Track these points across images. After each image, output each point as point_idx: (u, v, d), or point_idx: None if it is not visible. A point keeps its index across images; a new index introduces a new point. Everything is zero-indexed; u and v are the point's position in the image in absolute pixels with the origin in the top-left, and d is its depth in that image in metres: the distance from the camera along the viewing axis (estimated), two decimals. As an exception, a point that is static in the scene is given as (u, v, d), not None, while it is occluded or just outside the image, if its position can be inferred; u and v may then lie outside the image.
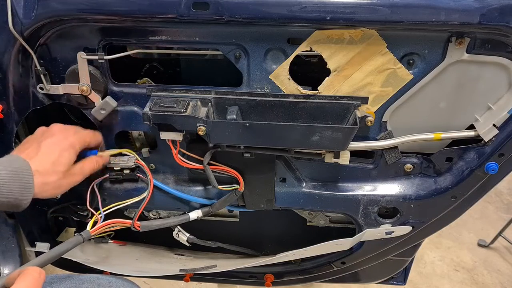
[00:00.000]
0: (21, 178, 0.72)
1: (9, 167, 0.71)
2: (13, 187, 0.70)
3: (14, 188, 0.70)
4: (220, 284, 1.84)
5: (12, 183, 0.70)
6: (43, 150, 0.78)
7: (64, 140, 0.80)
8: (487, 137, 0.82)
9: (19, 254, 1.11)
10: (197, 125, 0.77)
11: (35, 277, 0.62)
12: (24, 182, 0.72)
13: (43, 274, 0.64)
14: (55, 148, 0.79)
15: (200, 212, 0.94)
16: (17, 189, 0.71)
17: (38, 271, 0.63)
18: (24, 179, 0.72)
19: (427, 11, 0.70)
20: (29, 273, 0.62)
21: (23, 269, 0.64)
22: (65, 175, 0.79)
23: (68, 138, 0.81)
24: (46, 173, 0.76)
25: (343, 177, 0.92)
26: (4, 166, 0.71)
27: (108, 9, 0.74)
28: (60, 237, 1.08)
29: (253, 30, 0.78)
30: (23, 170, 0.73)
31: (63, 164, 0.78)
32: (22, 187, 0.72)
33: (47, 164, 0.77)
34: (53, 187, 0.78)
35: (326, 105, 0.80)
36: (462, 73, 0.79)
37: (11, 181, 0.70)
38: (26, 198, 0.73)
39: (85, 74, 0.82)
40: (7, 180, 0.70)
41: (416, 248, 1.06)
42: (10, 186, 0.70)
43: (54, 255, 0.79)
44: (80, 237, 0.82)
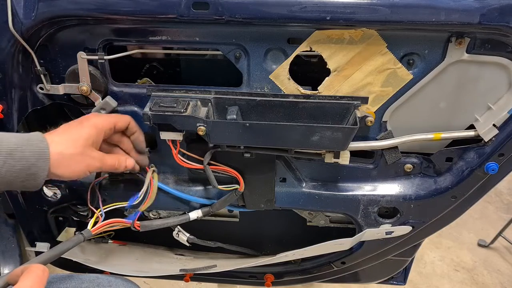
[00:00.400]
0: (34, 144, 0.69)
1: (21, 136, 0.69)
2: (27, 152, 0.68)
3: (28, 153, 0.68)
4: (220, 284, 1.84)
5: (26, 148, 0.68)
6: (62, 127, 0.76)
7: (85, 120, 0.78)
8: (487, 137, 0.82)
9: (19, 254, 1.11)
10: (197, 125, 0.77)
11: (39, 274, 0.61)
12: (38, 148, 0.69)
13: (46, 272, 0.63)
14: (75, 126, 0.76)
15: (200, 212, 0.94)
16: (31, 154, 0.68)
17: (41, 269, 0.62)
18: (38, 144, 0.70)
19: (427, 11, 0.70)
20: (33, 271, 0.62)
21: (27, 266, 0.63)
22: (84, 151, 0.74)
23: (90, 119, 0.78)
24: (62, 144, 0.72)
25: (343, 177, 0.93)
26: (15, 135, 0.69)
27: (108, 9, 0.75)
28: (60, 237, 1.08)
29: (253, 30, 0.78)
30: (36, 137, 0.71)
31: (81, 138, 0.75)
32: (37, 153, 0.69)
33: (65, 136, 0.74)
34: (70, 161, 0.73)
35: (326, 105, 0.80)
36: (462, 73, 0.79)
37: (24, 145, 0.68)
38: (43, 167, 0.70)
39: (85, 74, 0.82)
40: (20, 144, 0.68)
41: (416, 248, 1.06)
42: (24, 150, 0.68)
43: (55, 253, 0.79)
44: (81, 236, 0.82)
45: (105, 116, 0.81)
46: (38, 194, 0.98)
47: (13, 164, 0.67)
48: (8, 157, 0.66)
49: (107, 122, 0.79)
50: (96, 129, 0.77)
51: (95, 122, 0.77)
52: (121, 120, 0.82)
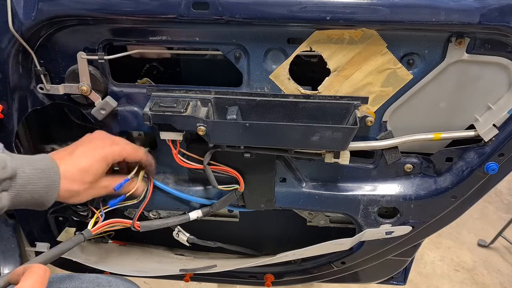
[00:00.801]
0: (48, 177, 0.72)
1: (34, 165, 0.71)
2: (39, 185, 0.70)
3: (40, 187, 0.70)
4: (220, 284, 1.84)
5: (38, 181, 0.70)
6: (76, 155, 0.78)
7: (98, 150, 0.79)
8: (487, 137, 0.82)
9: (19, 254, 1.11)
10: (197, 125, 0.77)
11: (41, 275, 0.62)
12: (50, 182, 0.72)
13: (48, 272, 0.63)
14: (87, 157, 0.78)
15: (200, 212, 0.94)
16: (43, 188, 0.71)
17: (43, 269, 0.63)
18: (50, 178, 0.72)
19: (427, 11, 0.70)
20: (35, 271, 0.62)
21: (28, 266, 0.63)
22: (90, 186, 0.78)
23: (104, 148, 0.80)
24: (72, 180, 0.75)
25: (343, 177, 0.92)
26: (31, 164, 0.71)
27: (108, 9, 0.75)
28: (60, 237, 1.08)
29: (253, 30, 0.78)
30: (50, 169, 0.72)
31: (91, 174, 0.77)
32: (48, 187, 0.72)
33: (75, 170, 0.76)
34: (76, 195, 0.77)
35: (326, 105, 0.80)
36: (462, 73, 0.79)
37: (37, 178, 0.70)
38: (51, 197, 0.73)
39: (85, 74, 0.82)
40: (33, 177, 0.70)
41: (416, 248, 1.06)
42: (36, 184, 0.70)
43: (56, 253, 0.79)
44: (82, 236, 0.82)
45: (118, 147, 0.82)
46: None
47: (24, 195, 0.70)
48: (21, 189, 0.69)
49: (117, 155, 0.81)
50: (107, 162, 0.80)
51: (106, 154, 0.79)
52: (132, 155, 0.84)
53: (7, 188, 0.67)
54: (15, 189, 0.68)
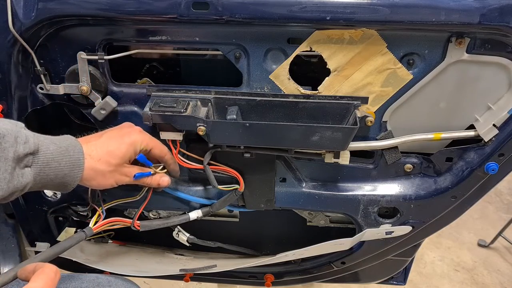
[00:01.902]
0: (71, 155, 0.71)
1: (58, 143, 0.70)
2: (62, 163, 0.69)
3: (64, 164, 0.69)
4: (220, 284, 1.84)
5: (62, 159, 0.69)
6: (102, 138, 0.77)
7: (126, 135, 0.78)
8: (487, 137, 0.82)
9: (19, 254, 1.11)
10: (197, 125, 0.77)
11: (51, 276, 0.61)
12: (74, 159, 0.71)
13: (58, 274, 0.62)
14: (115, 140, 0.77)
15: (200, 212, 0.94)
16: (66, 165, 0.70)
17: (54, 271, 0.62)
18: (74, 156, 0.71)
19: (427, 11, 0.70)
20: (46, 272, 0.61)
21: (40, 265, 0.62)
22: (116, 169, 0.76)
23: (131, 134, 0.79)
24: (97, 159, 0.74)
25: (343, 177, 0.93)
26: (54, 142, 0.70)
27: (108, 9, 0.75)
28: (60, 237, 1.08)
29: (253, 30, 0.78)
30: (73, 147, 0.72)
31: (117, 156, 0.76)
32: (72, 164, 0.70)
33: (101, 151, 0.75)
34: (101, 176, 0.75)
35: (326, 105, 0.80)
36: (462, 73, 0.79)
37: (61, 156, 0.69)
38: (75, 176, 0.71)
39: (85, 74, 0.82)
40: (57, 154, 0.69)
41: (416, 248, 1.06)
42: (60, 161, 0.69)
43: (58, 250, 0.79)
44: (83, 234, 0.82)
45: (147, 137, 0.81)
46: (38, 194, 0.98)
47: (48, 173, 0.68)
48: (45, 166, 0.68)
49: (145, 144, 0.80)
50: (134, 148, 0.78)
51: (135, 140, 0.78)
52: (158, 148, 0.83)
53: (30, 164, 0.66)
54: (38, 166, 0.67)
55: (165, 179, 0.86)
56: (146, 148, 0.81)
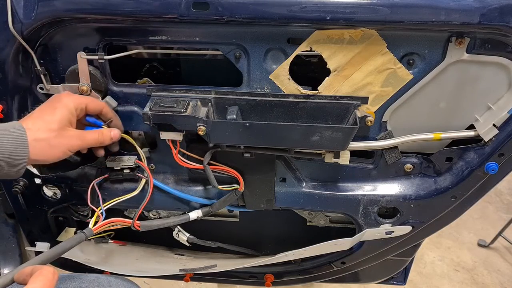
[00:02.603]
0: (12, 132, 0.70)
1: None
2: (4, 140, 0.69)
3: (6, 142, 0.69)
4: (220, 284, 1.84)
5: (3, 137, 0.69)
6: (35, 112, 0.77)
7: (56, 101, 0.78)
8: (487, 137, 0.82)
9: (19, 254, 1.11)
10: (197, 125, 0.77)
11: (49, 278, 0.60)
12: (15, 136, 0.70)
13: (56, 275, 0.62)
14: (47, 109, 0.77)
15: (200, 212, 0.94)
16: (9, 143, 0.69)
17: (52, 272, 0.61)
18: (15, 132, 0.70)
19: (427, 11, 0.70)
20: (44, 274, 0.61)
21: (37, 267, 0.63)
22: (60, 133, 0.75)
23: (61, 99, 0.78)
24: (37, 130, 0.73)
25: (343, 177, 0.93)
26: None
27: (108, 9, 0.75)
28: (60, 237, 1.08)
29: (253, 30, 0.78)
30: (12, 125, 0.71)
31: (55, 121, 0.75)
32: (15, 140, 0.70)
33: (39, 122, 0.74)
34: (47, 146, 0.74)
35: (326, 105, 0.80)
36: (462, 73, 0.79)
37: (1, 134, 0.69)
38: (22, 153, 0.71)
39: (85, 74, 0.82)
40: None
41: (416, 248, 1.06)
42: (1, 139, 0.68)
43: (58, 251, 0.79)
44: (83, 235, 0.82)
45: (76, 96, 0.81)
46: (38, 194, 0.98)
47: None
48: None
49: (77, 102, 0.79)
50: (68, 109, 0.77)
51: (66, 103, 0.77)
52: (93, 103, 0.82)
53: None
54: None
55: (115, 132, 0.84)
56: (80, 107, 0.80)
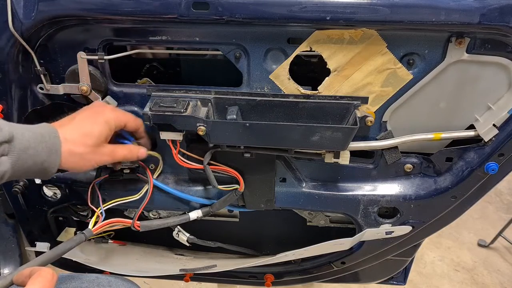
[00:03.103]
0: (47, 141, 0.70)
1: (34, 130, 0.70)
2: (39, 149, 0.69)
3: (40, 150, 0.69)
4: (220, 284, 1.84)
5: (38, 145, 0.69)
6: (76, 121, 0.76)
7: (99, 115, 0.78)
8: (487, 137, 0.82)
9: (19, 254, 1.11)
10: (197, 125, 0.77)
11: (48, 279, 0.60)
12: (50, 145, 0.71)
13: (55, 277, 0.62)
14: (88, 121, 0.77)
15: (200, 212, 0.94)
16: (44, 151, 0.69)
17: (51, 273, 0.61)
18: (50, 141, 0.71)
19: (427, 11, 0.70)
20: (42, 275, 0.61)
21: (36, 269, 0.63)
22: (94, 150, 0.76)
23: (104, 113, 0.78)
24: (74, 142, 0.74)
25: (343, 177, 0.92)
26: (29, 129, 0.70)
27: (108, 9, 0.75)
28: (60, 237, 1.08)
29: (253, 30, 0.78)
30: (49, 133, 0.71)
31: (93, 137, 0.75)
32: (49, 149, 0.70)
33: (77, 134, 0.74)
34: (79, 159, 0.75)
35: (326, 105, 0.80)
36: (462, 73, 0.79)
37: (37, 142, 0.69)
38: (54, 162, 0.71)
39: (85, 74, 0.82)
40: (33, 141, 0.68)
41: (416, 248, 1.06)
42: (36, 147, 0.69)
43: (57, 253, 0.79)
44: (83, 236, 0.82)
45: (119, 113, 0.81)
46: (38, 194, 0.98)
47: (26, 160, 0.68)
48: (22, 153, 0.67)
49: (118, 120, 0.80)
50: (109, 126, 0.78)
51: (108, 118, 0.78)
52: (132, 122, 0.83)
53: (6, 152, 0.65)
54: (15, 153, 0.66)
55: (142, 151, 0.85)
56: (120, 125, 0.80)
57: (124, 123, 0.81)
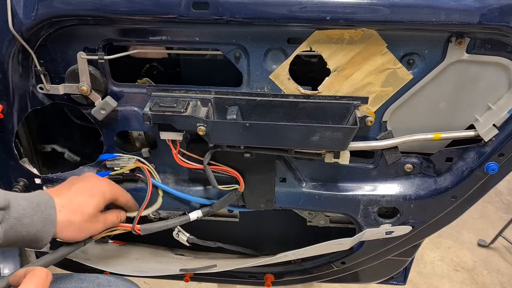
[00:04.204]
0: (43, 211, 0.70)
1: (30, 199, 0.70)
2: (35, 218, 0.68)
3: (36, 220, 0.68)
4: (220, 284, 1.84)
5: (34, 214, 0.68)
6: (74, 190, 0.77)
7: (96, 187, 0.80)
8: (487, 137, 0.82)
9: (19, 254, 1.11)
10: (197, 125, 0.77)
11: (42, 278, 0.61)
12: (46, 215, 0.70)
13: (50, 276, 0.63)
14: (86, 192, 0.78)
15: (200, 212, 0.94)
16: (39, 221, 0.69)
17: (45, 273, 0.62)
18: (46, 211, 0.70)
19: (427, 11, 0.70)
20: (37, 274, 0.61)
21: (30, 268, 0.63)
22: (90, 219, 0.78)
23: (100, 186, 0.81)
24: (72, 211, 0.74)
25: (343, 177, 0.92)
26: (25, 198, 0.69)
27: (108, 9, 0.75)
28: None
29: (253, 30, 0.78)
30: (45, 202, 0.71)
31: (91, 207, 0.77)
32: (44, 220, 0.70)
33: (75, 203, 0.75)
34: (75, 229, 0.76)
35: (326, 105, 0.80)
36: (462, 73, 0.79)
37: (33, 212, 0.68)
38: (48, 232, 0.71)
39: (85, 74, 0.82)
40: (28, 210, 0.68)
41: (416, 248, 1.06)
42: (32, 217, 0.68)
43: (55, 257, 0.79)
44: (81, 241, 0.82)
45: (113, 187, 0.85)
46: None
47: (19, 230, 0.67)
48: (16, 222, 0.67)
49: (112, 193, 0.83)
50: (104, 198, 0.81)
51: (104, 191, 0.81)
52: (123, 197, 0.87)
53: (0, 219, 0.64)
54: (10, 222, 0.65)
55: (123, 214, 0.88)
56: (113, 198, 0.83)
57: (116, 197, 0.84)
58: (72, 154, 1.09)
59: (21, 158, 0.93)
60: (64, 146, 1.08)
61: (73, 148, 1.09)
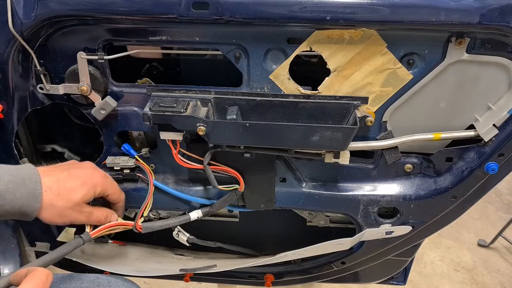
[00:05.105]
0: (28, 185, 0.69)
1: (16, 174, 0.69)
2: (17, 194, 0.67)
3: (19, 195, 0.68)
4: (220, 284, 1.84)
5: (17, 190, 0.67)
6: (66, 174, 0.76)
7: (90, 177, 0.79)
8: (487, 137, 0.82)
9: (19, 254, 1.11)
10: (197, 125, 0.77)
11: (42, 279, 0.61)
12: (30, 189, 0.69)
13: (50, 277, 0.62)
14: (79, 179, 0.77)
15: (200, 212, 0.94)
16: (22, 196, 0.68)
17: (46, 273, 0.62)
18: (30, 185, 0.69)
19: (427, 11, 0.70)
20: (37, 275, 0.61)
21: (31, 269, 0.63)
22: (74, 208, 0.76)
23: (95, 178, 0.79)
24: (57, 195, 0.73)
25: (343, 177, 0.92)
26: (11, 173, 0.68)
27: (108, 9, 0.74)
28: (60, 237, 1.08)
29: (253, 30, 0.78)
30: (30, 177, 0.70)
31: (79, 195, 0.75)
32: (28, 195, 0.69)
33: (63, 187, 0.74)
34: (56, 213, 0.74)
35: (326, 105, 0.80)
36: (462, 73, 0.79)
37: (16, 187, 0.67)
38: (33, 208, 0.70)
39: (85, 74, 0.82)
40: (11, 186, 0.67)
41: (416, 248, 1.06)
42: (14, 192, 0.67)
43: (54, 257, 0.79)
44: (81, 240, 0.81)
45: (108, 182, 0.83)
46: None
47: (2, 204, 0.67)
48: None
49: (105, 188, 0.81)
50: (94, 191, 0.79)
51: (96, 184, 0.79)
52: (116, 195, 0.85)
53: None
54: None
55: (115, 217, 0.86)
56: (104, 193, 0.82)
57: (108, 193, 0.82)
58: (72, 154, 1.09)
59: (21, 158, 0.93)
60: (64, 146, 1.08)
61: (73, 148, 1.09)
